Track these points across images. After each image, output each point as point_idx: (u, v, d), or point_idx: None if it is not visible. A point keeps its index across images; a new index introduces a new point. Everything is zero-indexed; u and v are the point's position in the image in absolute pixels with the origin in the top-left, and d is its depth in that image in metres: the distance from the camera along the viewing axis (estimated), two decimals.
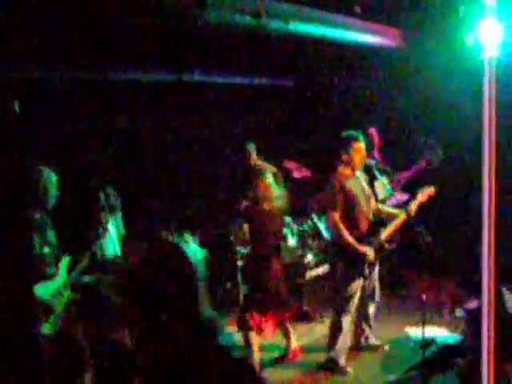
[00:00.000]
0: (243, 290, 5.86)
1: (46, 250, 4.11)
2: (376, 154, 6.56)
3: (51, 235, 4.19)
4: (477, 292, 6.38)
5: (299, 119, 8.23)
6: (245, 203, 5.27)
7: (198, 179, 7.06)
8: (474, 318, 5.67)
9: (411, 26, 7.26)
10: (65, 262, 4.20)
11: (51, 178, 4.12)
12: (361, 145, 5.03)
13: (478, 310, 5.98)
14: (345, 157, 5.03)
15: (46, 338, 4.02)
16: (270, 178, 4.96)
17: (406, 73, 7.44)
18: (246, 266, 5.67)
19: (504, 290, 4.79)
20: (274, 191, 4.95)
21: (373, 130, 6.70)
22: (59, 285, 4.13)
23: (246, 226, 4.96)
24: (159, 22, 4.60)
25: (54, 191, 4.12)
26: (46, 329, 4.03)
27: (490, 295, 3.12)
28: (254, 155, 6.96)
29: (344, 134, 5.10)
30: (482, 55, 2.95)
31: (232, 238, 6.33)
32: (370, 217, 5.15)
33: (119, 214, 4.90)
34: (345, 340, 5.14)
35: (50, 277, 4.12)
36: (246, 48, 6.14)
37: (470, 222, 6.27)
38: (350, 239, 4.93)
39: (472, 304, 6.03)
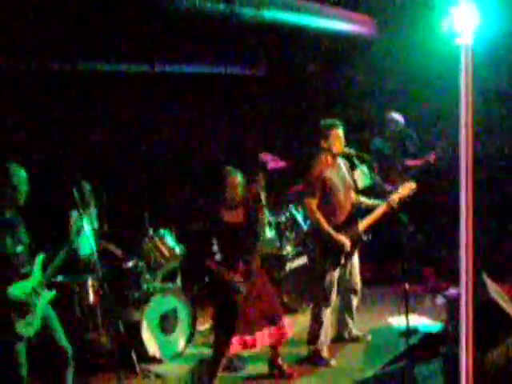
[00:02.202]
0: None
1: (19, 248, 3.96)
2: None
3: (23, 234, 4.05)
4: (456, 279, 6.42)
5: (273, 109, 8.13)
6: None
7: (173, 174, 6.93)
8: (454, 305, 5.69)
9: (385, 13, 7.23)
10: (39, 260, 4.05)
11: (20, 174, 3.94)
12: (339, 131, 4.97)
13: (458, 297, 6.00)
14: (325, 144, 4.95)
15: (24, 339, 3.89)
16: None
17: (382, 61, 7.40)
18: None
19: (485, 275, 4.80)
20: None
21: None
22: (34, 284, 3.98)
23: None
24: (131, 10, 4.47)
25: (24, 188, 3.94)
26: (24, 329, 3.88)
27: (468, 282, 3.09)
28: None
29: (323, 121, 5.04)
30: (457, 42, 2.92)
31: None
32: (349, 206, 5.09)
33: (94, 211, 4.74)
34: (326, 332, 5.10)
35: (25, 276, 3.96)
36: (217, 36, 6.03)
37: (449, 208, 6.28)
38: (327, 227, 4.87)
39: (452, 291, 6.06)
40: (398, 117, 6.90)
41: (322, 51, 7.35)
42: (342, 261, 4.98)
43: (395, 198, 5.11)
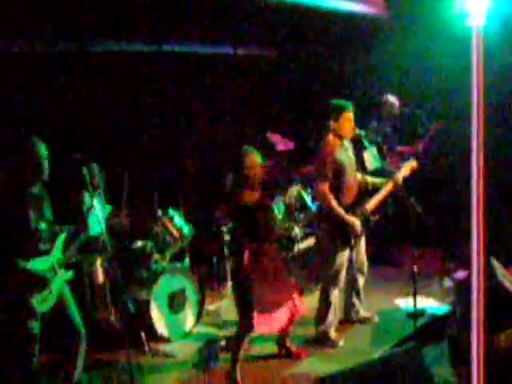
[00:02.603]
0: (230, 265, 5.76)
1: (43, 225, 3.97)
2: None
3: (48, 210, 4.06)
4: (464, 262, 6.43)
5: (284, 90, 8.10)
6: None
7: (181, 153, 6.93)
8: (462, 288, 5.70)
9: None
10: (61, 239, 4.08)
11: (43, 149, 3.94)
12: (350, 114, 4.93)
13: (467, 280, 6.02)
14: (334, 125, 4.92)
15: (37, 314, 3.91)
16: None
17: (392, 42, 7.32)
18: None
19: (493, 260, 4.79)
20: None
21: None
22: (54, 261, 4.01)
23: None
24: None
25: (46, 163, 3.94)
26: (39, 304, 3.91)
27: (480, 265, 3.10)
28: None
29: (334, 102, 4.99)
30: (469, 23, 2.89)
31: (217, 213, 6.23)
32: (357, 187, 5.08)
33: (102, 192, 4.77)
34: (334, 313, 5.11)
35: (45, 253, 3.99)
36: (228, 16, 5.99)
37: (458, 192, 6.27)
38: (340, 210, 4.86)
39: (460, 274, 6.06)
40: (393, 99, 6.82)
41: (333, 32, 7.29)
42: (353, 242, 4.99)
43: (400, 176, 5.12)
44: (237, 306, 4.60)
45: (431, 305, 5.59)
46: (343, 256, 5.01)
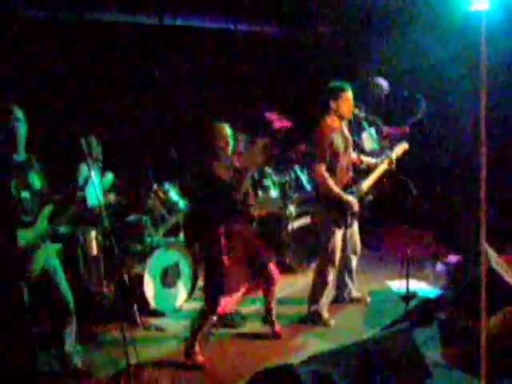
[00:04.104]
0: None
1: (24, 194, 3.86)
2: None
3: (34, 180, 3.94)
4: (457, 247, 6.46)
5: (283, 67, 8.03)
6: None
7: (179, 128, 6.88)
8: (454, 271, 5.75)
9: None
10: (47, 210, 3.98)
11: (18, 113, 3.83)
12: (349, 94, 4.92)
13: (458, 264, 6.06)
14: (333, 106, 4.91)
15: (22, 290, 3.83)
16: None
17: (392, 25, 7.27)
18: None
19: (486, 245, 4.83)
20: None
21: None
22: (36, 234, 3.91)
23: None
24: None
25: (24, 127, 3.84)
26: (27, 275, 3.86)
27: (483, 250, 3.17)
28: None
29: (333, 83, 4.98)
30: (471, 8, 2.88)
31: None
32: (350, 168, 5.09)
33: (100, 164, 4.73)
34: (328, 292, 5.15)
35: (29, 224, 3.88)
36: None
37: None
38: (337, 189, 4.87)
39: (452, 258, 6.11)
40: (382, 81, 6.78)
41: (333, 13, 7.23)
42: (349, 221, 5.00)
43: (393, 156, 5.17)
44: (204, 289, 4.61)
45: (423, 287, 5.64)
46: (339, 235, 5.03)
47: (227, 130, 4.50)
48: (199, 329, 4.53)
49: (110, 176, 5.04)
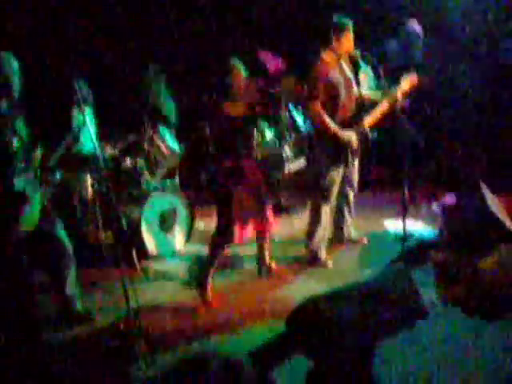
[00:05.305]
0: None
1: (15, 142, 3.78)
2: None
3: (21, 128, 3.86)
4: (452, 188, 6.45)
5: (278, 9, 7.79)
6: None
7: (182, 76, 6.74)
8: (449, 212, 5.76)
9: None
10: (37, 155, 3.92)
11: (12, 63, 3.74)
12: (351, 32, 4.79)
13: (454, 205, 6.08)
14: (335, 42, 4.79)
15: (23, 233, 3.86)
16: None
17: None
18: None
19: (483, 185, 4.83)
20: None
21: None
22: (30, 180, 3.85)
23: None
24: None
25: (17, 78, 3.75)
26: (24, 221, 3.83)
27: None
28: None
29: (336, 18, 4.82)
30: None
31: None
32: (353, 104, 4.99)
33: (91, 109, 4.63)
34: (324, 232, 5.12)
35: (21, 171, 3.82)
36: None
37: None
38: (333, 127, 4.80)
39: (448, 199, 6.11)
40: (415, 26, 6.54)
41: None
42: (350, 158, 4.96)
43: (398, 92, 4.97)
44: (218, 221, 4.58)
45: (419, 228, 5.67)
46: (336, 172, 4.98)
47: (240, 68, 4.46)
48: (211, 264, 4.53)
49: None
